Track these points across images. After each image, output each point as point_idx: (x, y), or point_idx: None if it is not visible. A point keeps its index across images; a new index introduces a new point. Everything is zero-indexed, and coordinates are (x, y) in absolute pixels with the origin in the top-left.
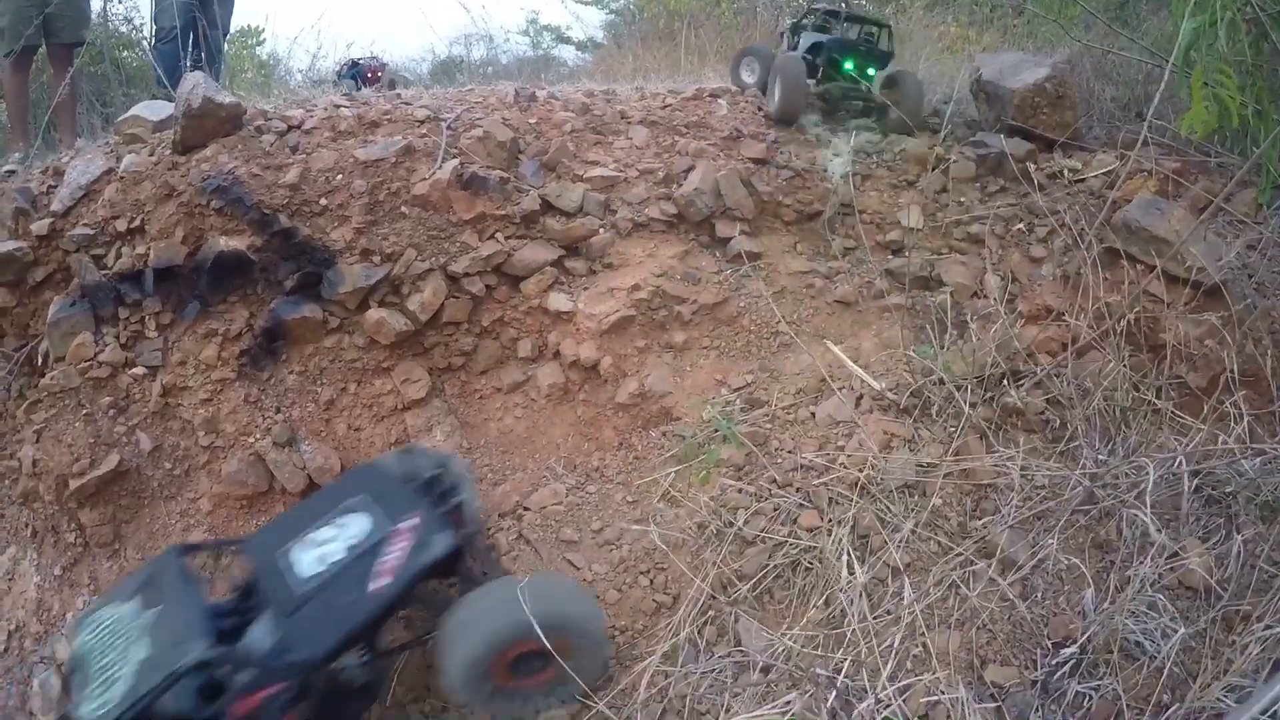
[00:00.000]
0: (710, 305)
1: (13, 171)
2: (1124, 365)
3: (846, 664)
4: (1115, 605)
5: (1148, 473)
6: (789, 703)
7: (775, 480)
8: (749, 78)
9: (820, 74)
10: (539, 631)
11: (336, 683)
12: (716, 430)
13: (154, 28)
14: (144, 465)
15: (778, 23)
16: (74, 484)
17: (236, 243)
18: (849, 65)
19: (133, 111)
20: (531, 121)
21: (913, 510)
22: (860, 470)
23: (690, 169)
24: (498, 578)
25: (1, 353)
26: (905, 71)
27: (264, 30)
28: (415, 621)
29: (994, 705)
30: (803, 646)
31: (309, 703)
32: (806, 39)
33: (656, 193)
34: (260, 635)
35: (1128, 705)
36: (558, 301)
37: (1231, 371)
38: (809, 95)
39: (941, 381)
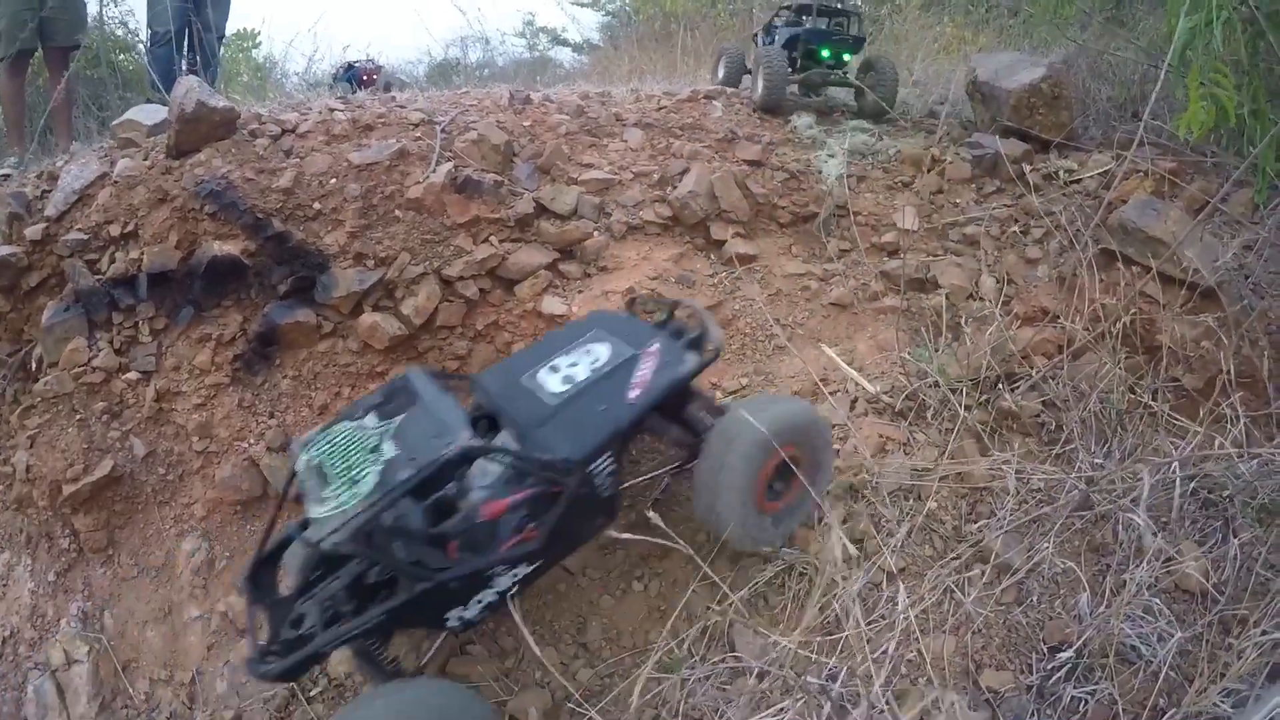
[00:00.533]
0: (705, 308)
1: (7, 176)
2: (1120, 367)
3: (842, 670)
4: (1111, 609)
5: (1155, 475)
6: (783, 710)
7: None
8: (720, 73)
9: (799, 64)
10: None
11: (585, 490)
12: None
13: (149, 31)
14: (138, 471)
15: (754, 23)
16: (68, 490)
17: (230, 247)
18: (825, 52)
19: (127, 115)
20: (526, 124)
21: (908, 514)
22: (855, 474)
23: (685, 171)
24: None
25: None
26: (880, 56)
27: (259, 33)
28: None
29: (989, 713)
30: (798, 648)
31: (553, 513)
32: (782, 34)
33: (651, 195)
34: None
35: (1124, 710)
36: (552, 305)
37: (1228, 373)
38: (790, 83)
39: (937, 384)
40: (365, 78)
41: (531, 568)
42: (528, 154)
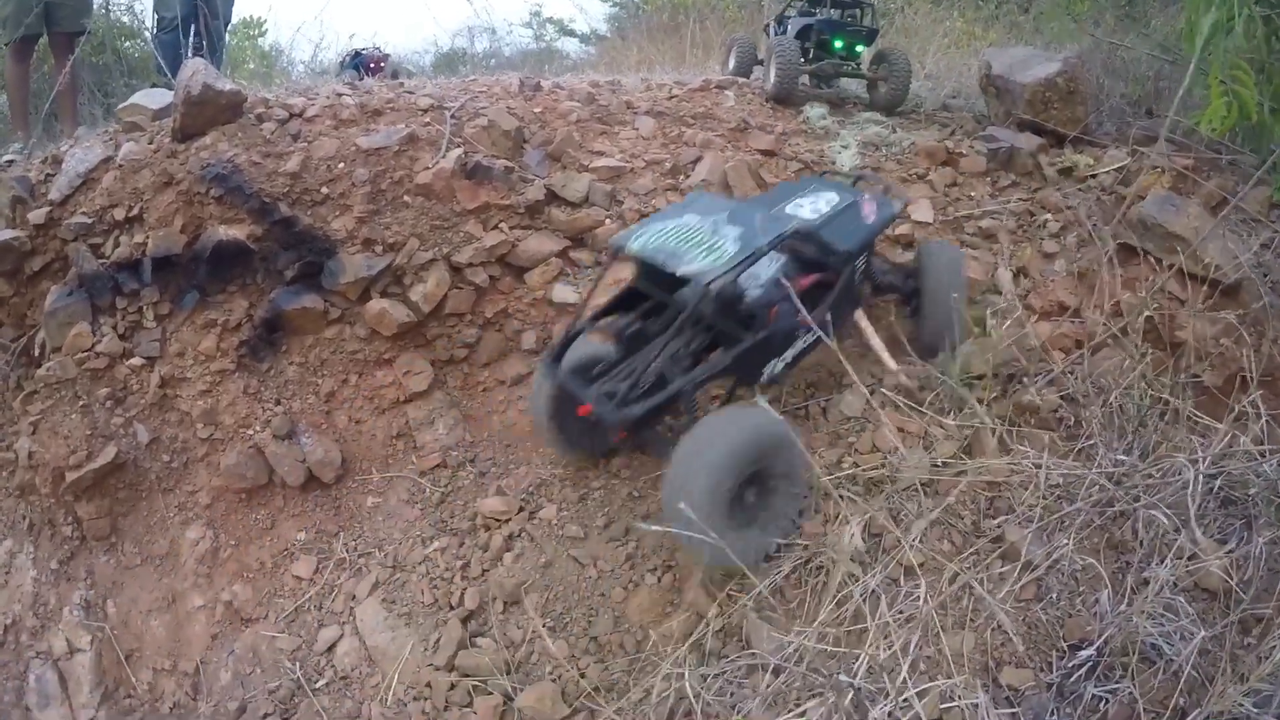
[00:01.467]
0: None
1: (12, 161)
2: (1142, 363)
3: (862, 667)
4: (1133, 607)
5: (1181, 473)
6: (804, 711)
7: None
8: (731, 64)
9: (811, 55)
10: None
11: (849, 279)
12: None
13: (155, 17)
14: (141, 457)
15: (765, 15)
16: (71, 476)
17: (236, 232)
18: (838, 43)
19: (132, 100)
20: (536, 111)
21: (926, 509)
22: (873, 468)
23: (697, 160)
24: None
25: None
26: (893, 49)
27: (266, 21)
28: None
29: (1010, 710)
30: (816, 643)
31: (833, 293)
32: (794, 24)
33: (663, 184)
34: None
35: (1144, 709)
36: (563, 293)
37: (1249, 371)
38: (802, 73)
39: (958, 378)
40: (372, 66)
41: (811, 339)
42: (538, 140)
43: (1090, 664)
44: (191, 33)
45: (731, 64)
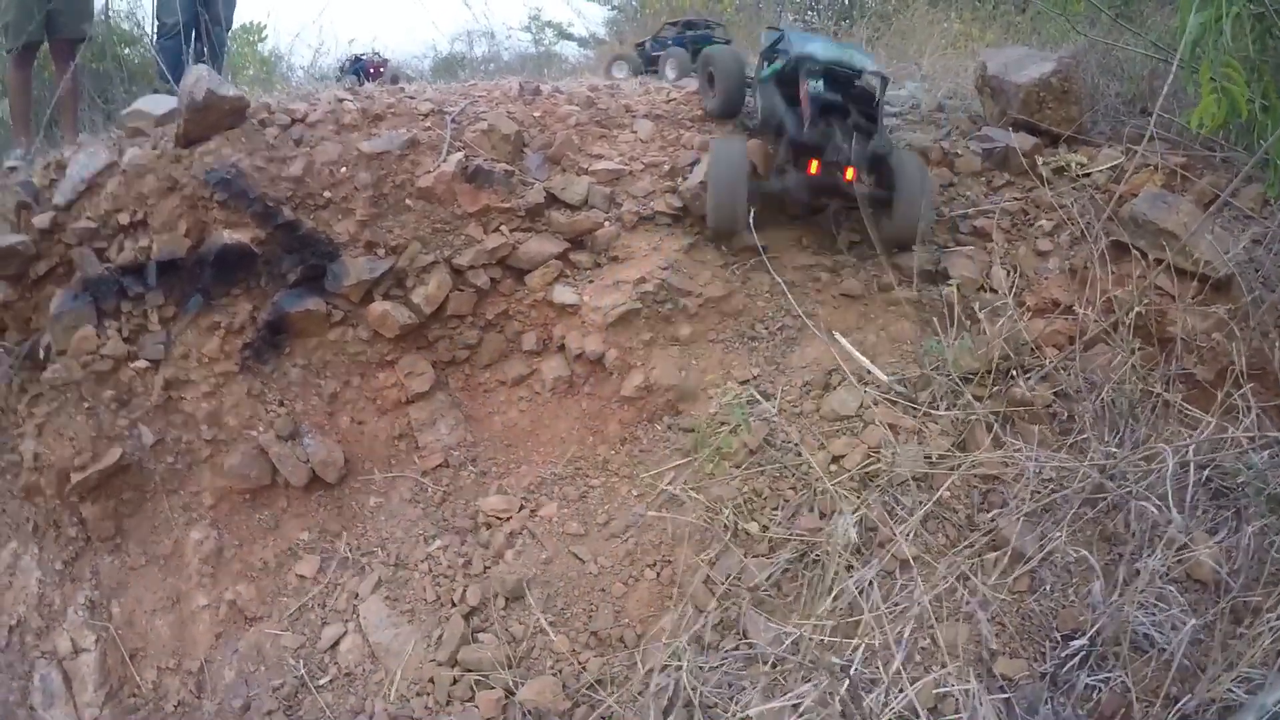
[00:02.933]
0: (716, 298)
1: (14, 168)
2: (1133, 358)
3: (857, 656)
4: (1124, 597)
5: (1163, 460)
6: (801, 695)
7: (783, 473)
8: (619, 73)
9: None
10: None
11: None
12: (723, 423)
13: (156, 23)
14: (146, 459)
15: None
16: (75, 478)
17: (240, 235)
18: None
19: (135, 105)
20: (536, 115)
21: (920, 503)
22: (868, 464)
23: (695, 162)
24: None
25: (3, 347)
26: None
27: (266, 27)
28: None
29: (1003, 697)
30: (812, 635)
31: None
32: (675, 40)
33: (661, 186)
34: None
35: (1137, 698)
36: (563, 294)
37: (1239, 364)
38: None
39: (949, 375)
40: (372, 71)
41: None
42: (538, 144)
43: (1083, 653)
44: (193, 38)
45: (620, 73)
